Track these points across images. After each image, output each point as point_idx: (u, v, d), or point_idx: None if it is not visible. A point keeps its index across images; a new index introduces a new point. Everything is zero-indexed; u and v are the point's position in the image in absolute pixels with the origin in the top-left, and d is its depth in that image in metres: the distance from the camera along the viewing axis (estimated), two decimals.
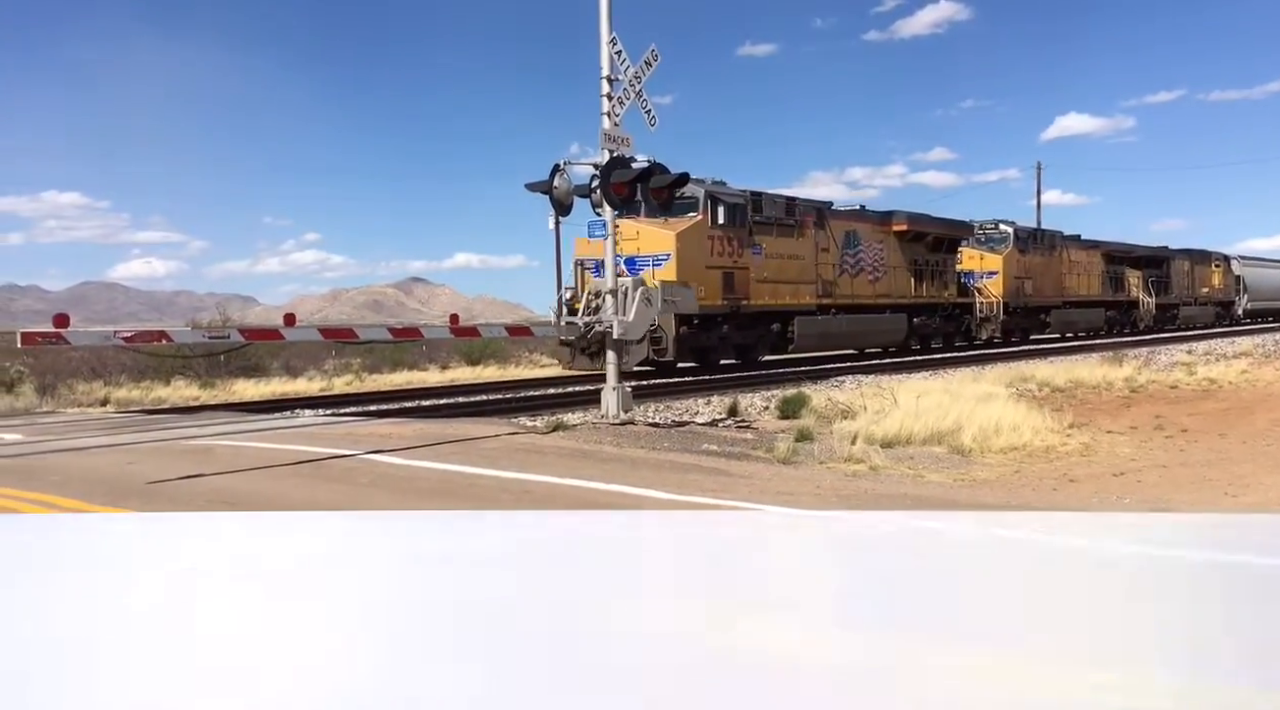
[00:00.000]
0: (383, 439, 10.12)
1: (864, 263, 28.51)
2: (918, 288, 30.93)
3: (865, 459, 9.39)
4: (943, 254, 32.27)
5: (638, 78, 11.97)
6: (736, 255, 23.08)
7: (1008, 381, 17.71)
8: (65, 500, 6.92)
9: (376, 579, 1.38)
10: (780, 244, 24.57)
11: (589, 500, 7.34)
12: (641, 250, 21.39)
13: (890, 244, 29.73)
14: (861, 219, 29.08)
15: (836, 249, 27.11)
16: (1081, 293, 41.76)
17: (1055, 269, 39.38)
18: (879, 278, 29.11)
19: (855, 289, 27.88)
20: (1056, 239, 39.86)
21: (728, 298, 22.54)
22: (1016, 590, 1.29)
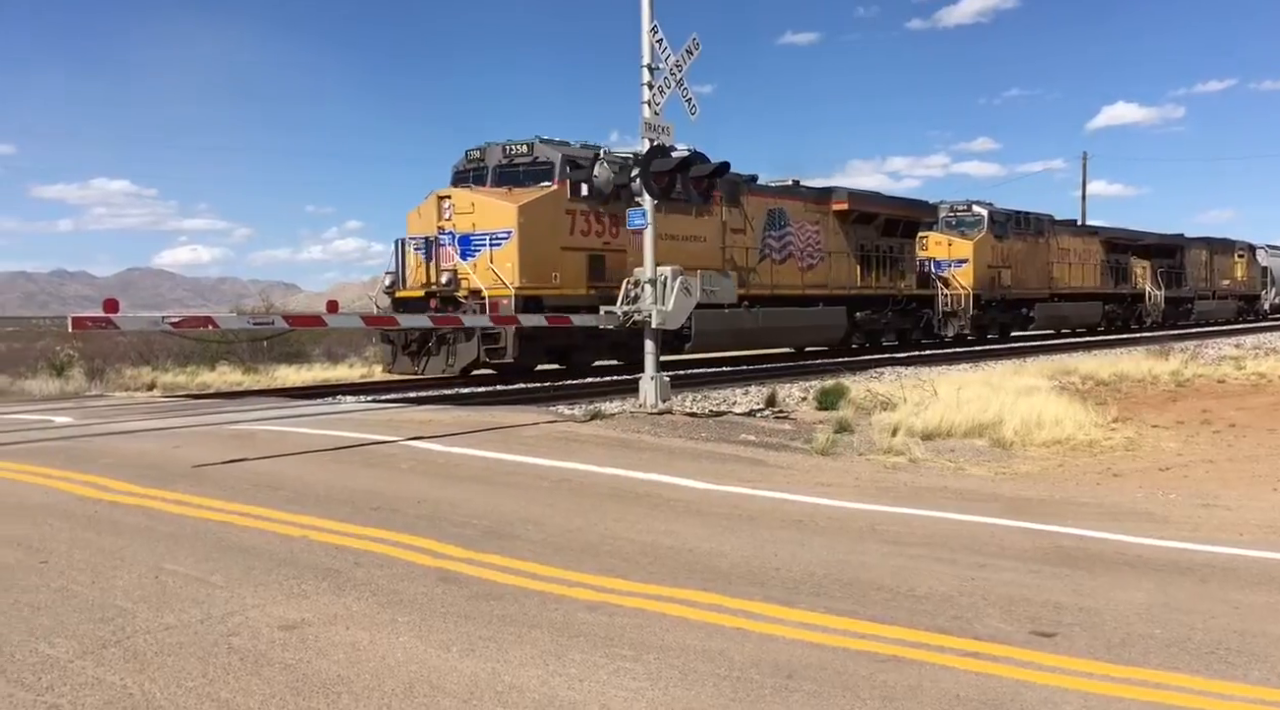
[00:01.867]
0: (422, 425, 10.20)
1: (793, 247, 24.42)
2: (864, 277, 26.95)
3: (905, 451, 9.32)
4: (898, 238, 28.36)
5: (678, 67, 11.93)
6: (609, 234, 19.27)
7: (1050, 374, 17.51)
8: (116, 482, 7.06)
9: None
10: (674, 222, 20.44)
11: (626, 489, 7.36)
12: (478, 226, 18.00)
13: (829, 226, 25.73)
14: (790, 196, 25.02)
15: (755, 230, 23.22)
16: (1074, 284, 37.46)
17: (1041, 257, 35.23)
18: (813, 265, 25.08)
19: (779, 277, 23.95)
20: (1044, 223, 35.70)
21: (597, 286, 18.65)
22: None
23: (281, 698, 3.46)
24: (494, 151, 19.06)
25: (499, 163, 18.96)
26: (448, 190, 18.72)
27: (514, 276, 17.52)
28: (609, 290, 18.01)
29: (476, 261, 17.81)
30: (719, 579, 4.99)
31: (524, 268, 17.65)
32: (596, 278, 18.95)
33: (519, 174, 18.72)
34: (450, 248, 18.08)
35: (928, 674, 3.75)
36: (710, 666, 3.80)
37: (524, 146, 18.79)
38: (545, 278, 18.12)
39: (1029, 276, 34.16)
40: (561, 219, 18.49)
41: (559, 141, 19.11)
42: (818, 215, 25.42)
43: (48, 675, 3.63)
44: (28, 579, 4.80)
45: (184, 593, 4.62)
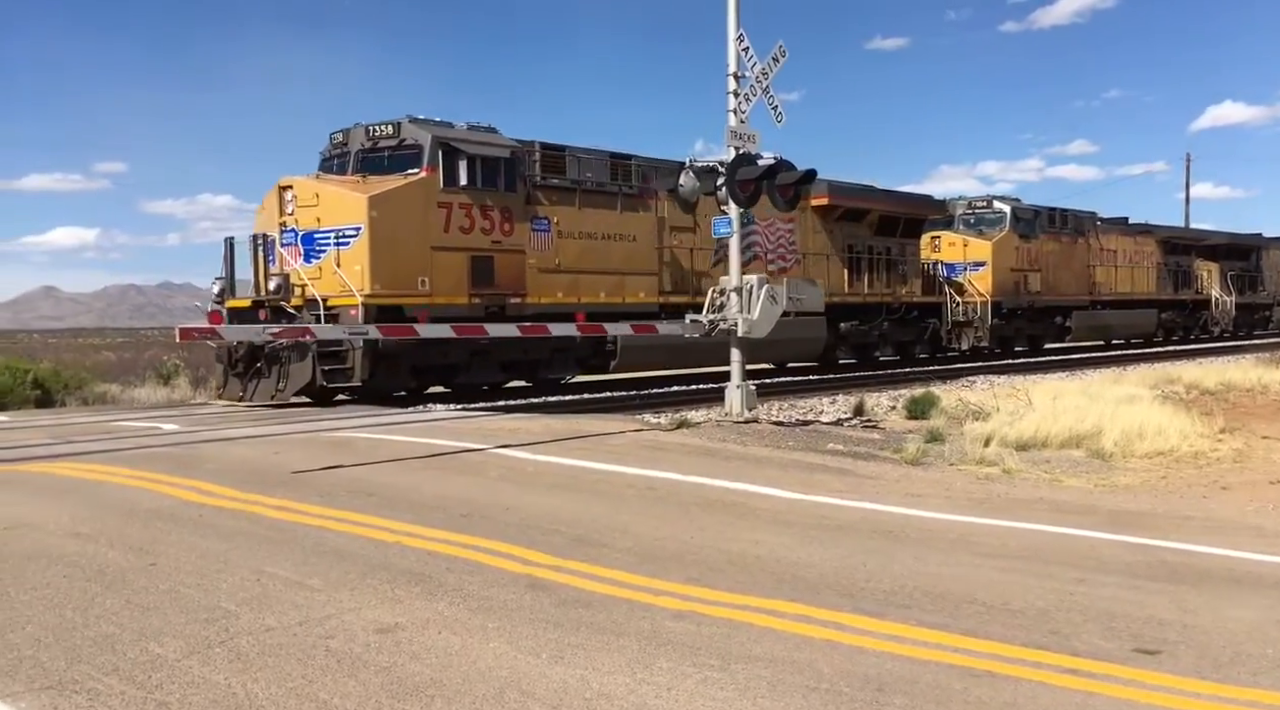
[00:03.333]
0: (511, 434, 10.34)
1: (758, 247, 21.30)
2: (853, 282, 23.88)
3: (998, 462, 9.11)
4: (897, 239, 25.11)
5: (764, 74, 11.91)
6: (501, 231, 16.38)
7: (1152, 383, 16.92)
8: (220, 488, 7.32)
9: None
10: (593, 218, 17.75)
11: (713, 498, 7.35)
12: (323, 221, 15.14)
13: (808, 223, 22.54)
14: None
15: (705, 229, 19.39)
16: (1121, 290, 33.42)
17: (1079, 260, 31.31)
18: (785, 268, 21.92)
19: None
20: (1084, 222, 31.77)
21: (482, 293, 16.04)
22: None
23: (377, 699, 3.55)
24: (357, 134, 16.14)
25: (362, 147, 16.06)
26: (290, 179, 15.73)
27: (363, 282, 14.66)
28: (501, 298, 16.29)
29: (322, 265, 15.04)
30: (807, 590, 4.95)
31: (377, 271, 14.79)
32: (482, 283, 16.08)
33: (384, 160, 15.90)
34: (294, 248, 15.33)
35: (1024, 690, 3.65)
36: (799, 678, 3.77)
37: (389, 127, 15.94)
38: (408, 283, 15.26)
39: (1064, 281, 30.54)
40: (432, 213, 15.54)
41: (435, 121, 16.24)
42: (793, 212, 22.25)
43: (157, 674, 3.78)
44: (138, 580, 5.01)
45: (283, 596, 4.77)
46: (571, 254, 17.59)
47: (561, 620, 4.44)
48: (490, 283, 16.22)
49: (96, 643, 4.10)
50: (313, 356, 14.52)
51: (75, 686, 3.64)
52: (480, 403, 15.84)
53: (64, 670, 3.80)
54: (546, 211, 17.26)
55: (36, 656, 3.94)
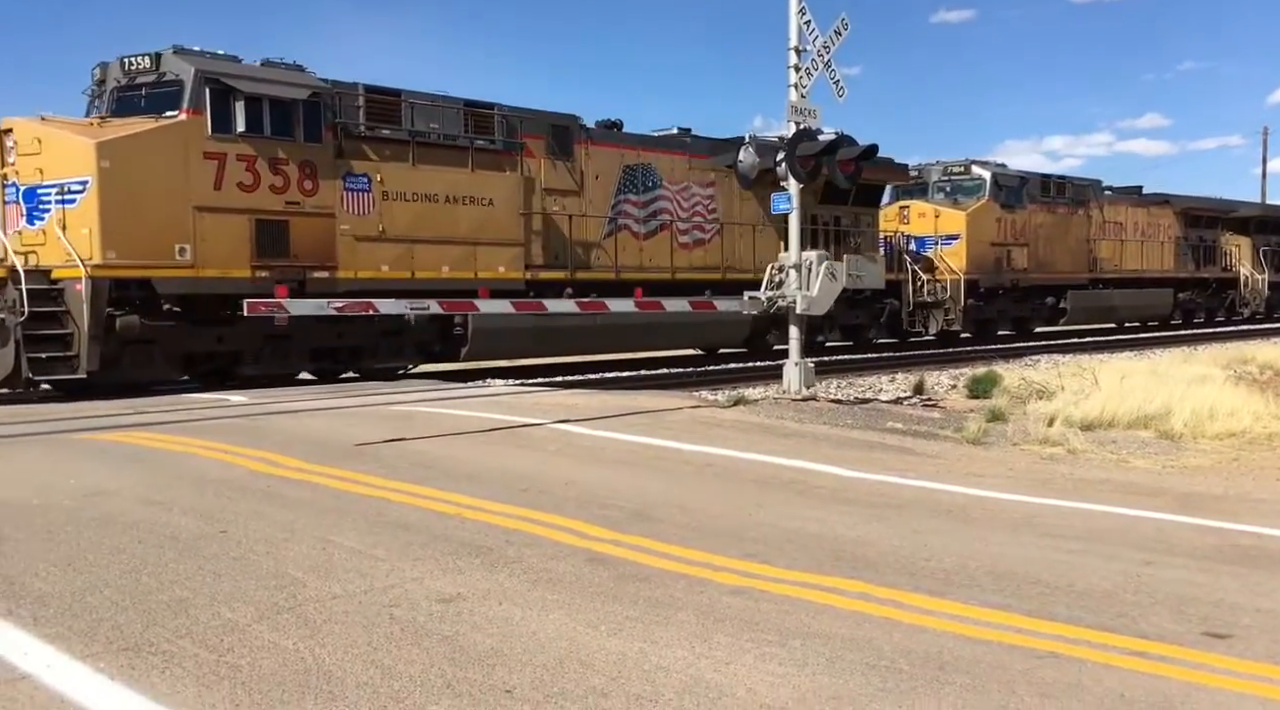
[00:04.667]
0: (569, 409, 10.41)
1: (666, 215, 18.63)
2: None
3: (1063, 442, 8.94)
4: (849, 207, 21.91)
5: (826, 48, 11.74)
6: (300, 190, 13.75)
7: (1224, 363, 16.47)
8: (287, 459, 7.48)
9: None
10: (434, 177, 15.16)
11: (770, 475, 7.33)
12: (45, 173, 12.55)
13: (732, 189, 19.76)
14: (665, 148, 19.05)
15: (601, 192, 17.61)
16: (1129, 266, 30.05)
17: (1076, 233, 27.96)
18: (702, 240, 19.29)
19: (646, 256, 18.38)
20: (1085, 190, 28.43)
21: (272, 265, 13.51)
22: None
23: (440, 667, 3.61)
24: (114, 68, 13.50)
25: (118, 83, 13.41)
26: (9, 121, 13.16)
27: (91, 249, 12.22)
28: (300, 271, 13.69)
29: (45, 227, 12.57)
30: (866, 568, 4.92)
31: (110, 236, 12.26)
32: (273, 252, 13.51)
33: (140, 100, 13.29)
34: (16, 206, 12.94)
35: (1089, 672, 3.60)
36: (858, 655, 3.75)
37: (146, 59, 13.28)
38: (159, 251, 12.66)
39: (1058, 257, 27.30)
40: (197, 166, 12.90)
41: (208, 53, 13.58)
42: (712, 174, 19.55)
43: (228, 638, 3.89)
44: (209, 547, 5.15)
45: (349, 565, 4.87)
46: (403, 219, 14.90)
47: (619, 594, 4.47)
48: (284, 252, 13.66)
49: (170, 607, 4.23)
50: (14, 343, 11.95)
51: (151, 648, 3.76)
52: (539, 378, 15.96)
53: (140, 633, 3.93)
54: (367, 168, 14.55)
55: (114, 619, 4.07)
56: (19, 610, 4.17)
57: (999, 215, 25.55)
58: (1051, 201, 27.34)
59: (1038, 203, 26.78)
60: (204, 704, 3.28)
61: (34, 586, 4.49)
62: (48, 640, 3.83)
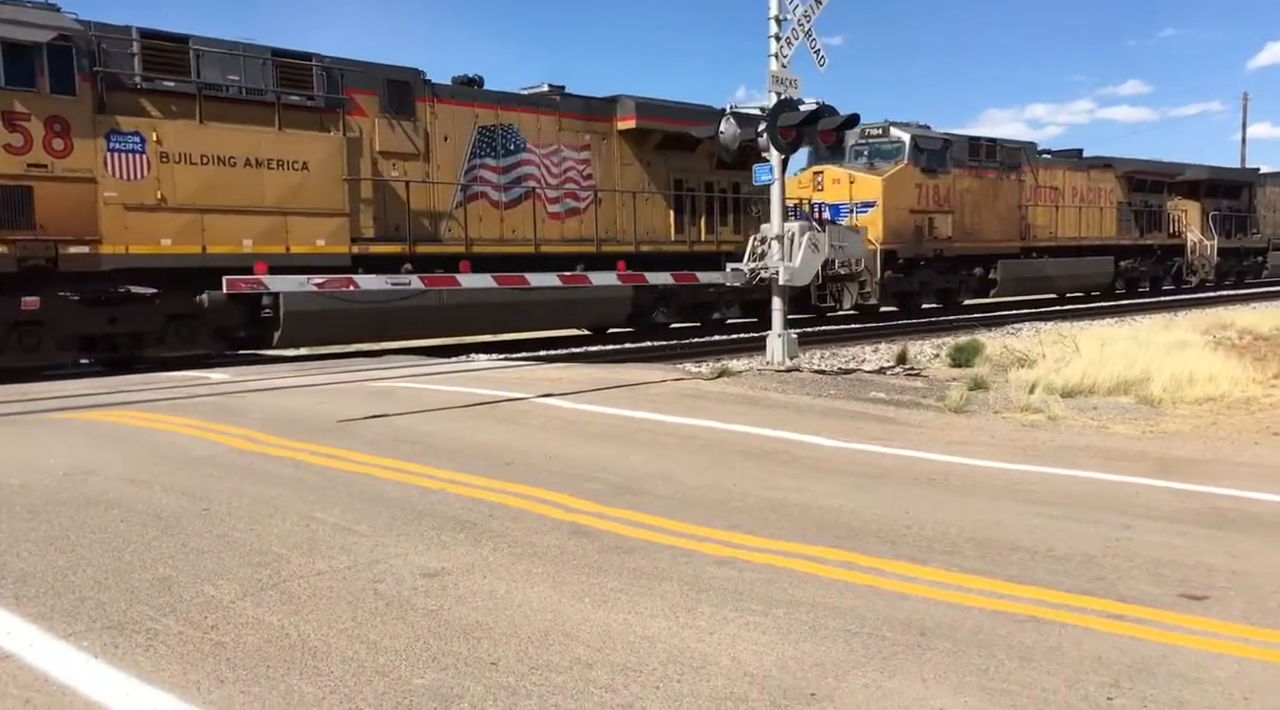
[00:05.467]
0: (553, 383, 10.40)
1: (533, 181, 17.10)
2: (683, 227, 19.48)
3: (1044, 409, 9.00)
4: (748, 173, 20.96)
5: (806, 16, 11.68)
6: (48, 150, 12.15)
7: (1203, 329, 16.60)
8: (269, 436, 7.45)
9: None
10: (230, 137, 13.43)
11: (755, 446, 7.36)
12: None
13: (610, 153, 18.21)
14: (529, 107, 17.32)
15: (452, 156, 15.98)
16: (1066, 234, 28.75)
17: (1007, 199, 26.48)
18: (577, 210, 17.72)
19: (508, 227, 16.76)
20: (1016, 154, 27.02)
21: (9, 237, 11.96)
22: None
23: (425, 641, 3.62)
24: None
25: None
26: None
27: None
28: (47, 245, 12.07)
29: None
30: (849, 536, 4.95)
31: None
32: (11, 223, 11.96)
33: None
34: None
35: (1069, 635, 3.64)
36: (841, 622, 3.78)
37: None
38: None
39: (986, 224, 25.86)
40: None
41: None
42: (587, 136, 17.99)
43: (212, 615, 3.88)
44: (192, 525, 5.13)
45: (332, 541, 4.86)
46: (188, 186, 13.12)
47: (604, 566, 4.49)
48: (26, 223, 11.96)
49: (154, 585, 4.22)
50: None
51: (135, 626, 3.75)
52: (522, 352, 15.94)
53: (124, 611, 3.92)
54: (139, 125, 12.83)
55: (97, 597, 4.06)
56: (1, 590, 4.15)
57: (920, 180, 24.03)
58: (980, 165, 25.88)
59: (964, 167, 25.30)
60: (189, 681, 3.28)
61: (15, 566, 4.46)
62: (30, 619, 3.82)
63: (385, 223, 15.16)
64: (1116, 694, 3.17)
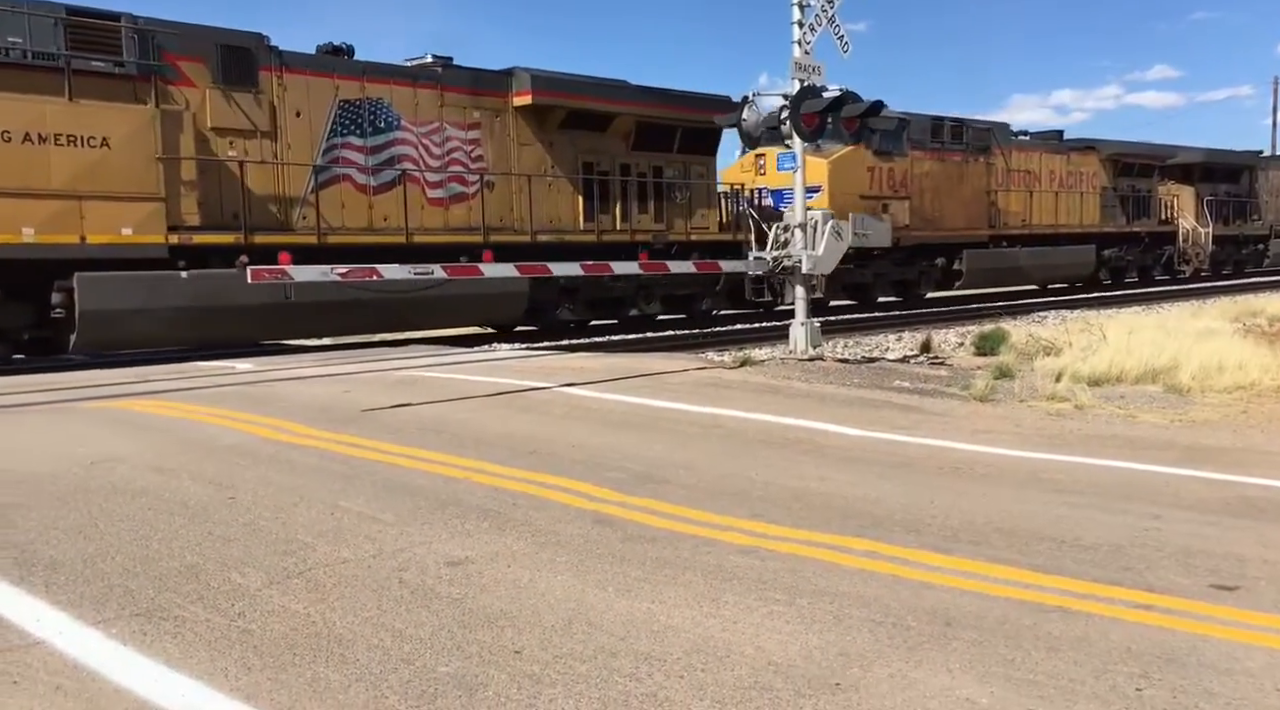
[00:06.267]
0: (575, 373, 10.41)
1: (410, 162, 15.26)
2: (593, 215, 17.49)
3: (1070, 397, 8.91)
4: (675, 155, 18.71)
5: (830, 3, 11.58)
6: None
7: (1233, 316, 16.41)
8: (294, 425, 7.50)
9: None
10: (14, 108, 11.64)
11: (777, 435, 7.33)
12: None
13: (508, 131, 16.37)
14: (406, 79, 15.38)
15: (308, 135, 14.08)
16: (1042, 221, 26.74)
17: (974, 184, 24.34)
18: (464, 195, 15.83)
19: (377, 216, 14.86)
20: (985, 135, 24.89)
21: None
22: None
23: (450, 629, 3.63)
24: None
25: None
26: None
27: None
28: None
29: None
30: (873, 525, 4.93)
31: None
32: None
33: None
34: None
35: (1096, 625, 3.61)
36: (865, 612, 3.76)
37: None
38: None
39: (950, 211, 23.84)
40: None
41: None
42: (476, 114, 16.07)
43: (239, 602, 3.91)
44: (219, 513, 5.18)
45: (357, 529, 4.89)
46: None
47: (628, 555, 4.49)
48: None
49: (181, 572, 4.26)
50: None
51: (163, 614, 3.79)
52: (544, 342, 15.97)
53: (152, 598, 3.96)
54: None
55: (126, 585, 4.10)
56: (31, 577, 4.20)
57: (872, 163, 21.99)
58: (942, 148, 23.89)
59: (925, 149, 23.25)
60: (216, 668, 3.31)
61: (45, 553, 4.52)
62: (60, 607, 3.86)
63: (218, 209, 13.42)
64: (1145, 684, 3.13)
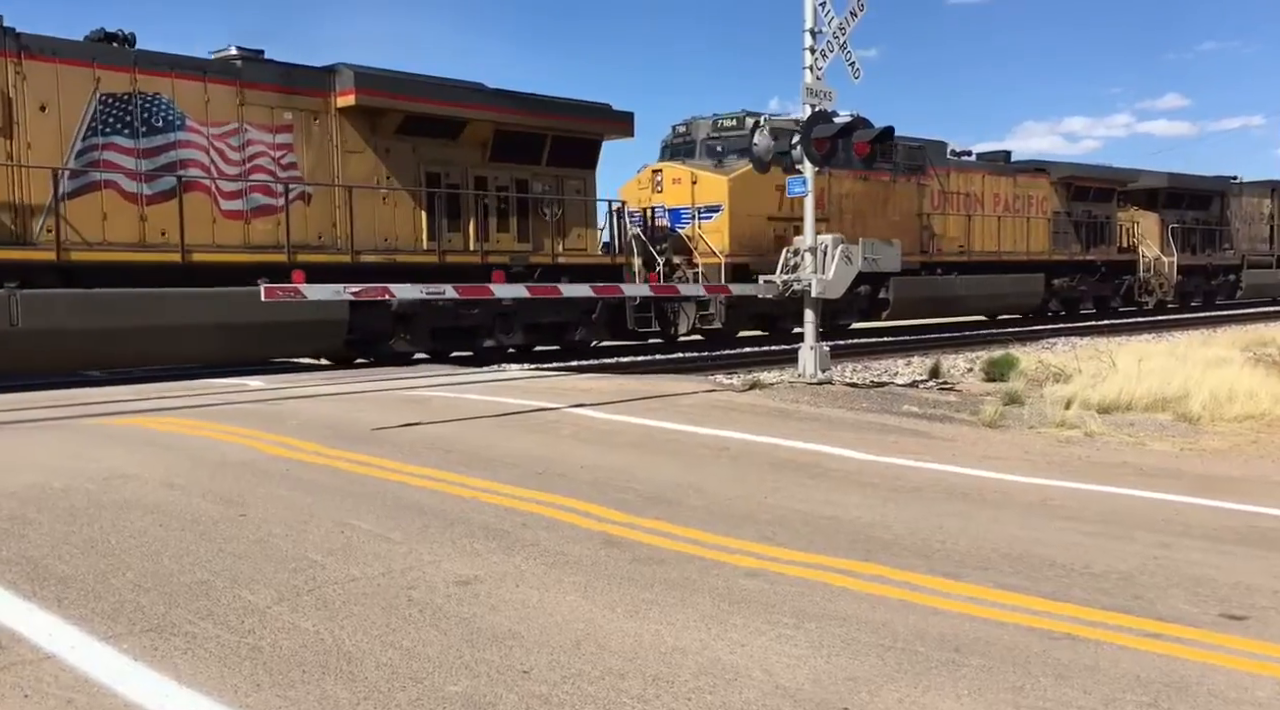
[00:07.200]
0: (584, 393, 10.43)
1: (198, 169, 13.13)
2: (438, 233, 15.28)
3: (1080, 424, 8.91)
4: (544, 168, 16.71)
5: (842, 29, 11.67)
6: None
7: (1243, 345, 16.38)
8: (304, 443, 7.53)
9: None
10: None
11: (786, 458, 7.34)
12: None
13: (328, 136, 14.23)
14: (191, 71, 13.12)
15: (43, 132, 12.03)
16: (983, 247, 24.65)
17: (904, 206, 22.45)
18: (272, 207, 13.71)
19: (152, 230, 12.74)
20: (918, 154, 22.93)
21: None
22: None
23: (458, 648, 3.64)
24: None
25: None
26: None
27: None
28: None
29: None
30: (881, 550, 4.93)
31: None
32: None
33: None
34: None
35: (1105, 654, 3.60)
36: (874, 637, 3.76)
37: None
38: None
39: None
40: None
41: None
42: (288, 115, 13.94)
43: (249, 619, 3.93)
44: (229, 530, 5.20)
45: (367, 548, 4.91)
46: None
47: (636, 576, 4.49)
48: None
49: (192, 589, 4.28)
50: None
51: (173, 630, 3.81)
52: (554, 362, 16.00)
53: (163, 614, 3.98)
54: None
55: (137, 601, 4.12)
56: (43, 592, 4.23)
57: (783, 182, 19.59)
58: (868, 166, 22.36)
59: (847, 168, 20.27)
60: (226, 685, 3.32)
61: (57, 568, 4.54)
62: (71, 621, 3.88)
63: None
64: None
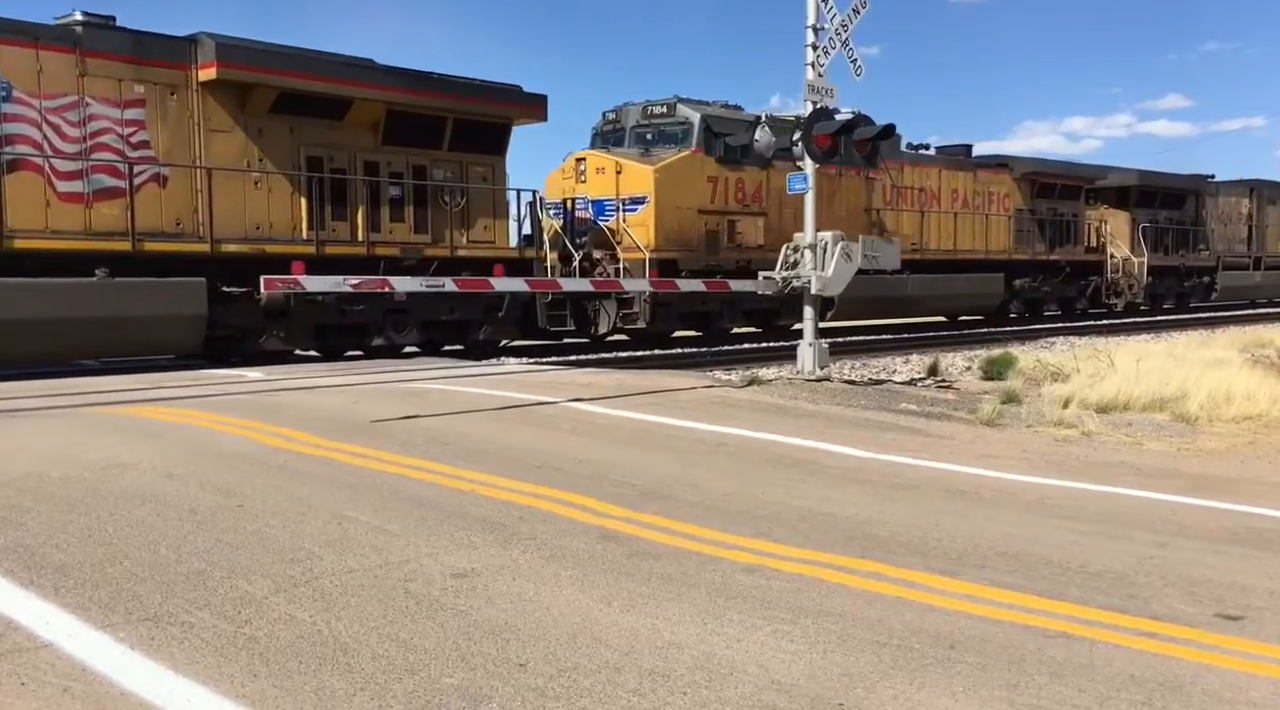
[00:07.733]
0: (583, 388, 10.44)
1: (26, 146, 12.02)
2: (327, 222, 14.21)
3: (1077, 424, 8.92)
4: (446, 153, 15.53)
5: (844, 26, 11.66)
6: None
7: (1241, 346, 16.39)
8: (303, 434, 7.54)
9: None
10: None
11: (784, 455, 7.34)
12: None
13: (187, 111, 13.06)
14: (21, 37, 11.93)
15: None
16: (939, 246, 23.46)
17: (851, 200, 20.98)
18: (117, 188, 12.57)
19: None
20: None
21: None
22: None
23: (455, 641, 3.65)
24: None
25: None
26: None
27: None
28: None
29: None
30: (878, 547, 4.94)
31: None
32: None
33: None
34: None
35: (1100, 652, 3.61)
36: (869, 633, 3.77)
37: None
38: None
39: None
40: None
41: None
42: (139, 88, 12.74)
43: (246, 610, 3.94)
44: (226, 520, 5.20)
45: (364, 539, 4.91)
46: None
47: (633, 571, 4.50)
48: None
49: (189, 578, 4.29)
50: None
51: (170, 619, 3.81)
52: (552, 357, 16.01)
53: (159, 604, 3.98)
54: None
55: (134, 590, 4.13)
56: (40, 580, 4.23)
57: (715, 172, 18.61)
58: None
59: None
60: (222, 674, 3.33)
61: (55, 557, 4.55)
62: (69, 610, 3.89)
63: None
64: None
